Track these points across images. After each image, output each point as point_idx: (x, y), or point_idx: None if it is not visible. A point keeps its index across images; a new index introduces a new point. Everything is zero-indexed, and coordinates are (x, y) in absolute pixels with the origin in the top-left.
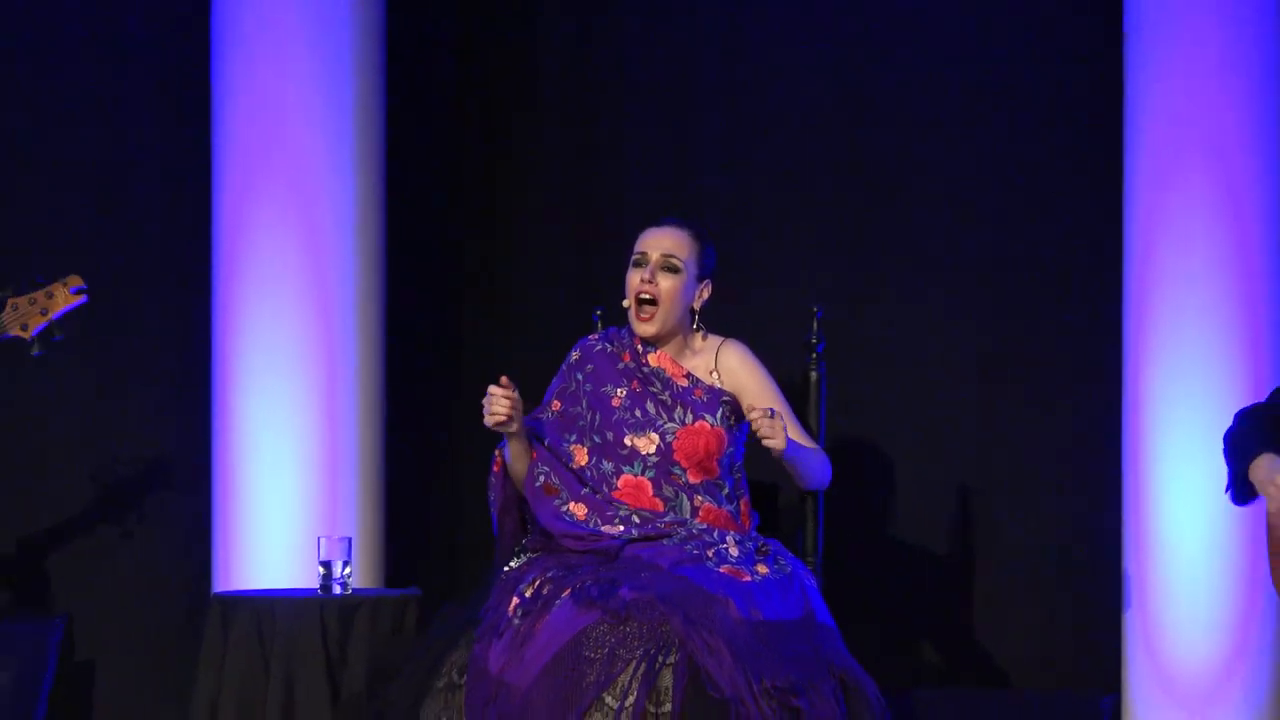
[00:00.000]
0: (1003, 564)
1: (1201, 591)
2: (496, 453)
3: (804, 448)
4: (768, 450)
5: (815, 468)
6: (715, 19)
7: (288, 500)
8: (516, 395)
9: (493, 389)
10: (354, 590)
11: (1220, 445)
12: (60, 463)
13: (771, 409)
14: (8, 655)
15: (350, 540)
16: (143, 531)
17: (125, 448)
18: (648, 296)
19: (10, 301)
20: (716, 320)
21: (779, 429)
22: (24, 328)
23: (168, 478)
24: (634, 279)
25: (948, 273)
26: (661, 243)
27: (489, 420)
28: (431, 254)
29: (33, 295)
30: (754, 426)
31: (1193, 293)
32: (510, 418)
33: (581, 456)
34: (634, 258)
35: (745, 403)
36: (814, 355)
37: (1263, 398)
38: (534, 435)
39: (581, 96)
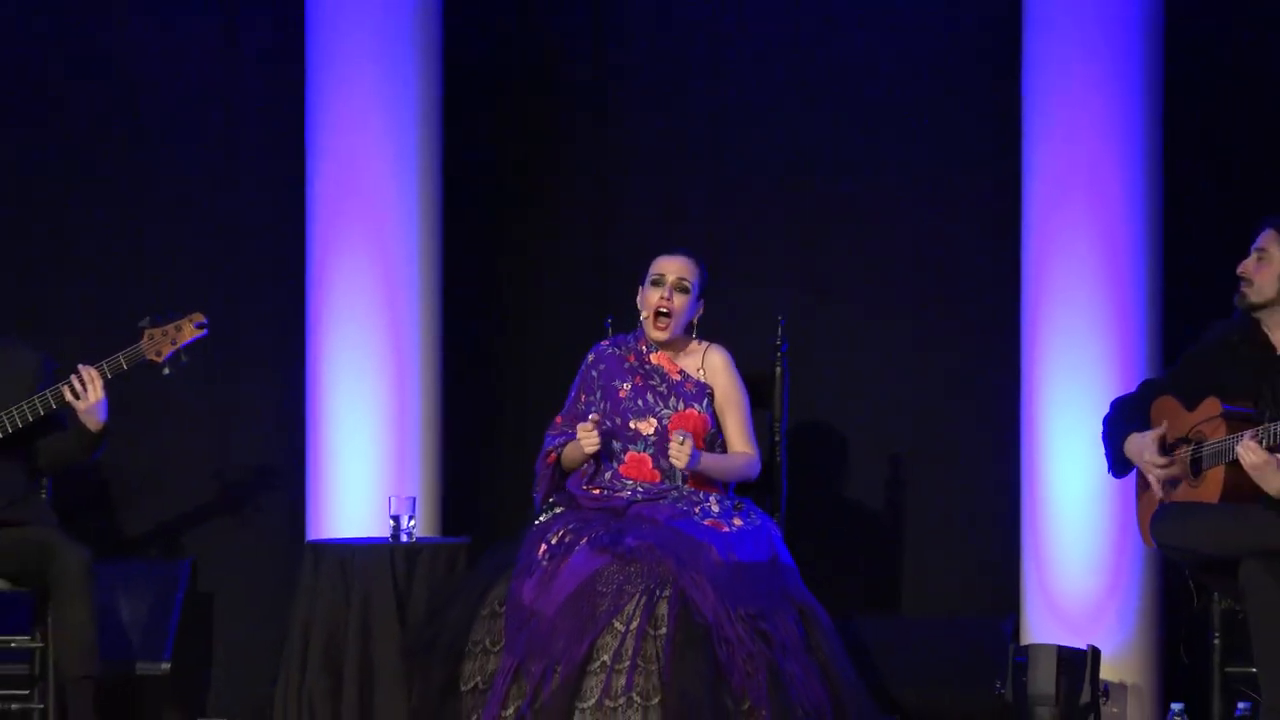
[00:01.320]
0: (927, 516)
1: (1083, 537)
2: (551, 450)
3: (718, 463)
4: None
5: (729, 474)
6: (701, 95)
7: (365, 468)
8: (598, 427)
9: (582, 427)
10: (417, 539)
11: (1100, 427)
12: (187, 445)
13: (686, 434)
14: (147, 587)
15: (414, 499)
16: (252, 494)
17: (238, 432)
18: (665, 310)
19: (147, 332)
20: (704, 326)
21: (684, 454)
22: (157, 354)
23: (271, 452)
24: (653, 296)
25: (882, 285)
26: (675, 267)
27: (589, 450)
28: (479, 276)
29: (165, 328)
30: (670, 446)
31: (1077, 299)
32: (598, 445)
33: (591, 444)
34: (652, 278)
35: (716, 396)
36: (778, 354)
37: (1133, 388)
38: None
39: (595, 156)
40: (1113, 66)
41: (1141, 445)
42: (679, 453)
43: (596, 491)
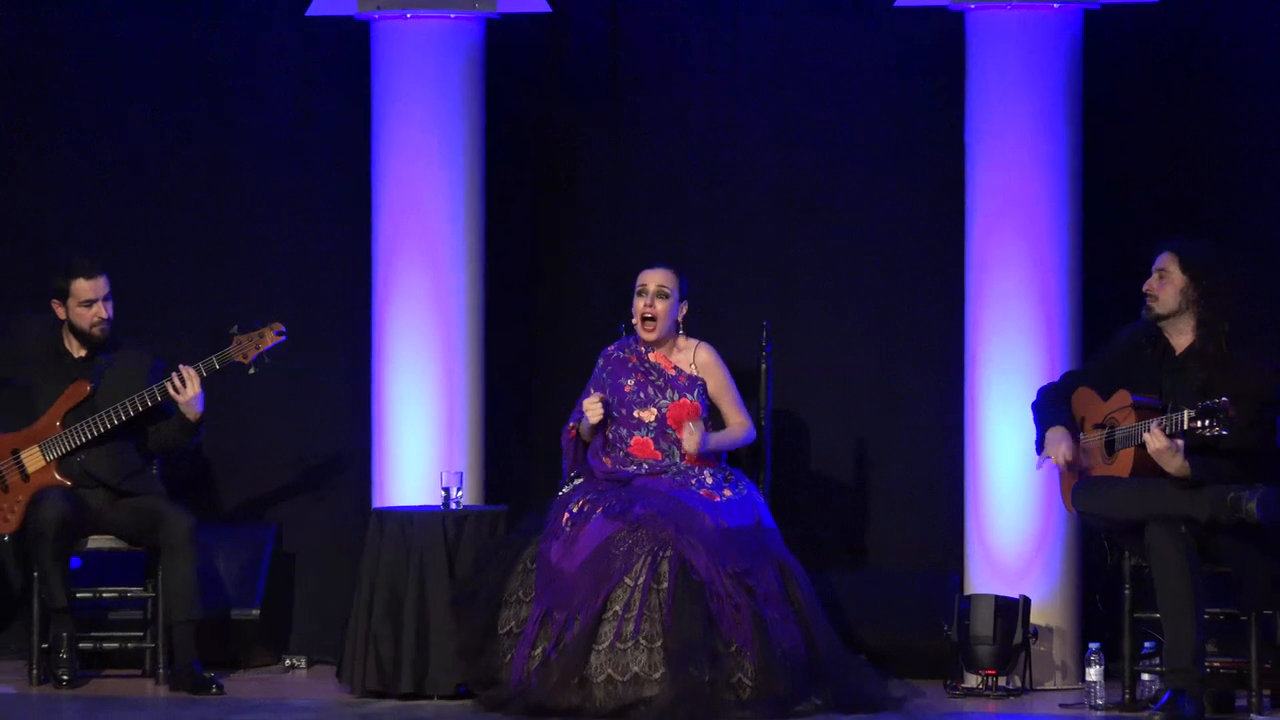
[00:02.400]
0: (887, 486)
1: (1016, 504)
2: (572, 425)
3: (722, 438)
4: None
5: (733, 444)
6: (699, 138)
7: (420, 448)
8: (602, 402)
9: (588, 401)
10: (464, 507)
11: (1029, 412)
12: (272, 430)
13: (697, 424)
14: (239, 548)
15: (461, 474)
16: (327, 470)
17: (315, 419)
18: (650, 315)
19: (236, 338)
20: (704, 332)
21: (694, 441)
22: (244, 356)
23: (342, 436)
24: (639, 304)
25: (849, 294)
26: (656, 278)
27: (593, 419)
28: (516, 287)
29: (251, 334)
30: (683, 437)
31: (1010, 305)
32: (603, 415)
33: (608, 427)
34: (638, 289)
35: (710, 387)
36: (763, 353)
37: (1057, 378)
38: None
39: (610, 186)
40: (1041, 112)
41: (1059, 443)
42: (691, 441)
43: (609, 463)
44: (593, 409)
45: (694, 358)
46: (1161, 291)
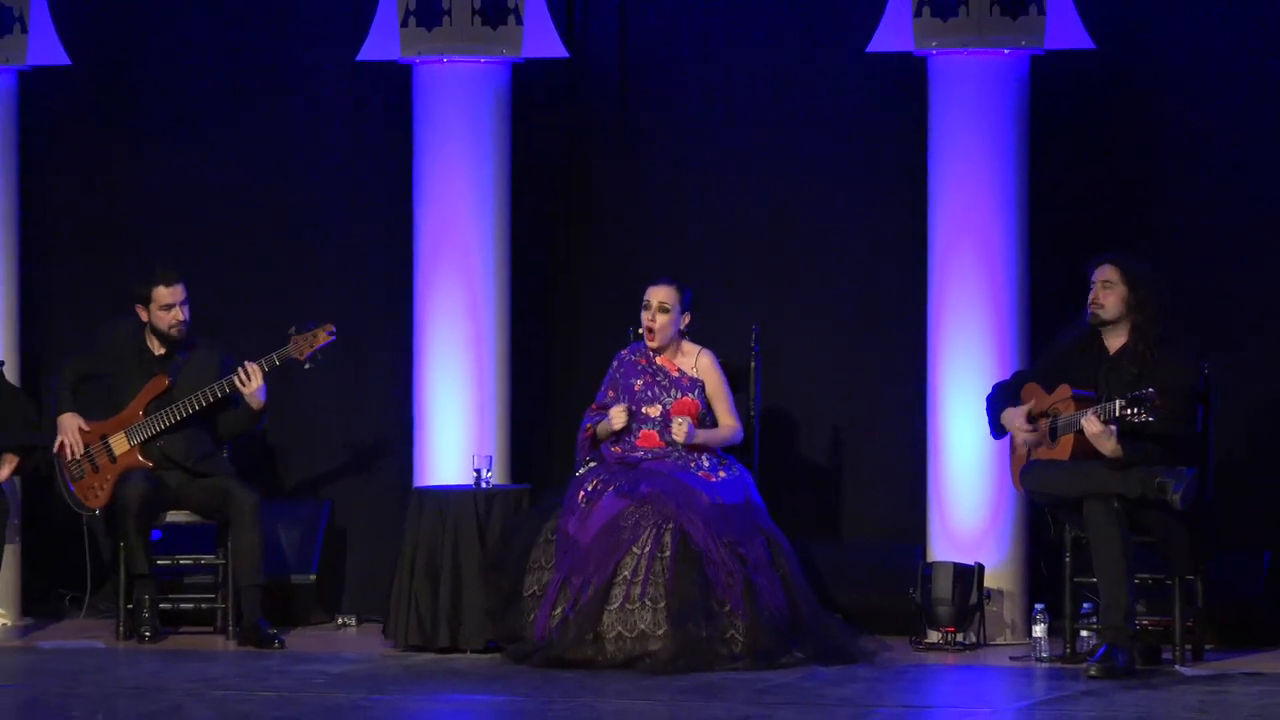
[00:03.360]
0: (859, 468)
1: (971, 484)
2: (589, 426)
3: (710, 435)
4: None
5: (719, 442)
6: (699, 165)
7: (455, 435)
8: (627, 412)
9: (616, 410)
10: (493, 486)
11: (984, 404)
12: (325, 419)
13: (685, 418)
14: (296, 522)
15: (491, 457)
16: (373, 454)
17: (362, 409)
18: (650, 328)
19: (293, 337)
20: (703, 334)
21: (682, 432)
22: (300, 354)
23: (386, 424)
24: (645, 317)
25: (828, 303)
26: (657, 294)
27: (616, 426)
28: (539, 296)
29: (305, 334)
30: (672, 427)
31: (966, 313)
32: (626, 423)
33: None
34: (644, 303)
35: (707, 389)
36: (753, 353)
37: (1007, 376)
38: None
39: (621, 209)
40: (993, 143)
41: (1014, 417)
42: (679, 431)
43: (618, 450)
44: (618, 417)
45: (696, 362)
46: (1107, 300)
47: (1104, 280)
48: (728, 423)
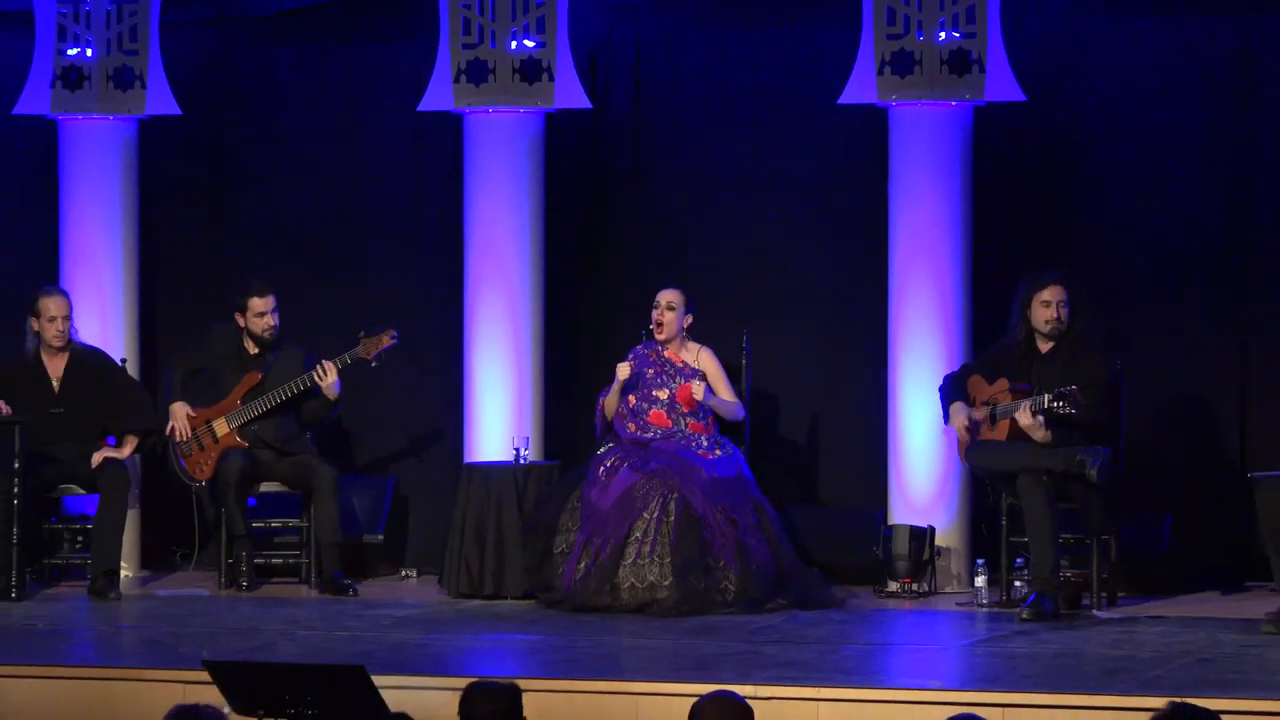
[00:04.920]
0: (832, 446)
1: (926, 460)
2: (601, 401)
3: (719, 402)
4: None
5: (726, 414)
6: (699, 199)
7: (498, 419)
8: (630, 367)
9: (621, 364)
10: (529, 462)
11: (936, 393)
12: (390, 406)
13: (705, 385)
14: (367, 492)
15: (528, 437)
16: (430, 436)
17: (421, 398)
18: (659, 323)
19: (362, 340)
20: (703, 335)
21: (700, 391)
22: (368, 354)
23: (441, 411)
24: (655, 314)
25: (805, 309)
26: (666, 296)
27: (621, 376)
28: (568, 303)
29: (372, 338)
30: (694, 388)
31: (921, 318)
32: (628, 374)
33: (632, 400)
34: (654, 303)
35: (708, 378)
36: (744, 351)
37: (955, 368)
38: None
39: (635, 230)
40: (943, 180)
41: (957, 412)
42: (698, 390)
43: (633, 428)
44: (622, 370)
45: (697, 357)
46: (1063, 314)
47: (1059, 300)
48: (730, 400)
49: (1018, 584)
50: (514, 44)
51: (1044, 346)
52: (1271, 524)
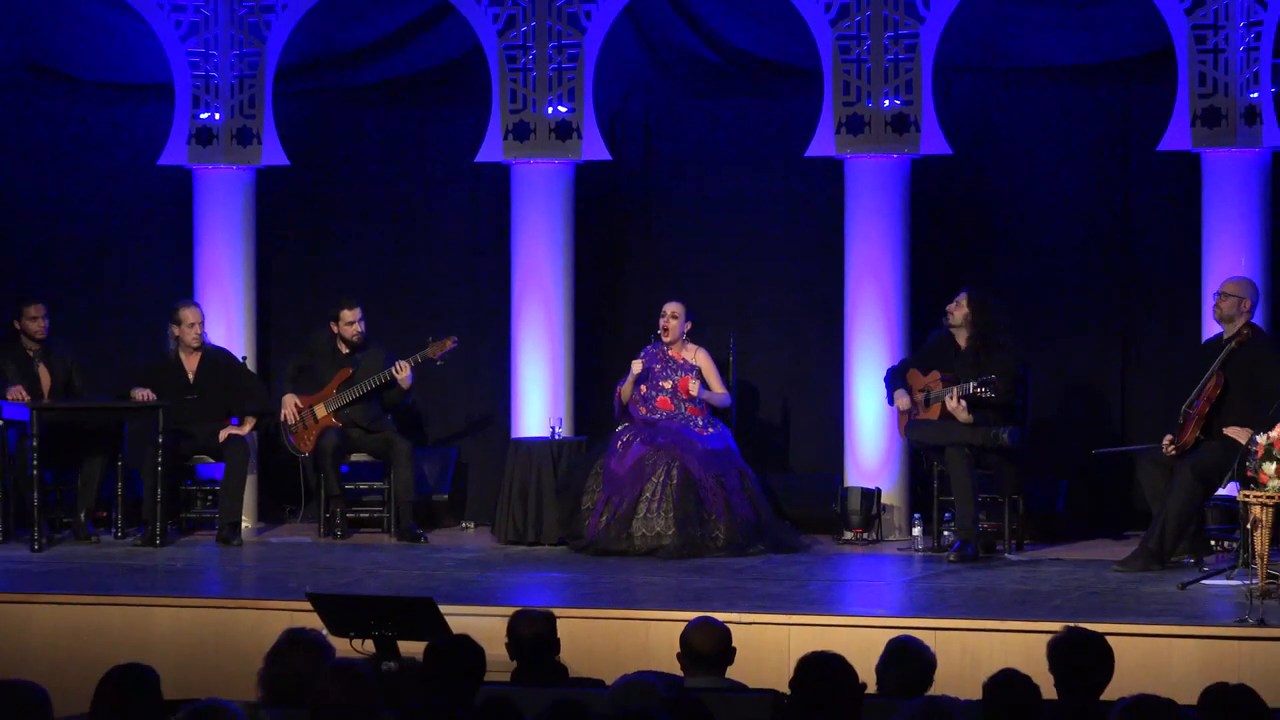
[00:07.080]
0: (800, 422)
1: (874, 435)
2: (619, 389)
3: (711, 395)
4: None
5: (717, 402)
6: (696, 233)
7: (538, 403)
8: (643, 364)
9: (635, 361)
10: (563, 438)
11: (881, 382)
12: (452, 394)
13: (702, 384)
14: (434, 461)
15: (561, 419)
16: (484, 417)
17: (477, 387)
18: (665, 329)
19: (430, 344)
20: (699, 339)
21: (694, 388)
22: (434, 354)
23: (492, 396)
24: (661, 322)
25: (779, 319)
26: (670, 307)
27: (635, 370)
28: (591, 314)
29: (439, 341)
30: (690, 384)
31: (869, 324)
32: (641, 369)
33: (643, 389)
34: (661, 313)
35: (703, 373)
36: (732, 352)
37: (896, 362)
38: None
39: (646, 261)
40: (887, 218)
41: (899, 397)
42: (694, 386)
43: (644, 411)
44: (636, 365)
45: (695, 355)
46: (954, 314)
47: (956, 303)
48: (720, 391)
49: (946, 533)
50: (550, 110)
51: (963, 342)
52: (1152, 490)
